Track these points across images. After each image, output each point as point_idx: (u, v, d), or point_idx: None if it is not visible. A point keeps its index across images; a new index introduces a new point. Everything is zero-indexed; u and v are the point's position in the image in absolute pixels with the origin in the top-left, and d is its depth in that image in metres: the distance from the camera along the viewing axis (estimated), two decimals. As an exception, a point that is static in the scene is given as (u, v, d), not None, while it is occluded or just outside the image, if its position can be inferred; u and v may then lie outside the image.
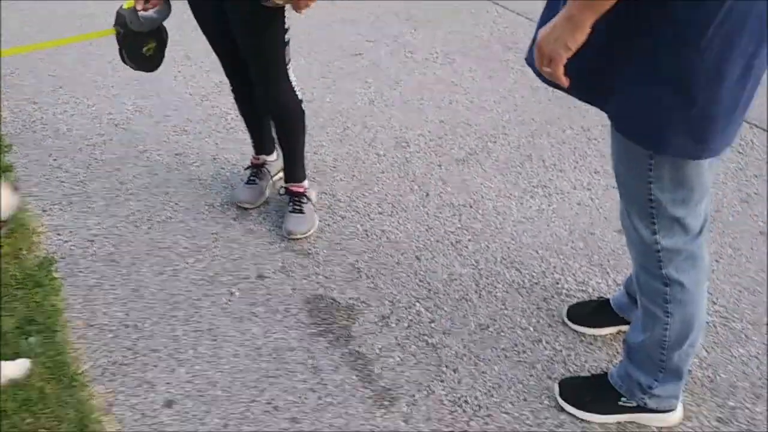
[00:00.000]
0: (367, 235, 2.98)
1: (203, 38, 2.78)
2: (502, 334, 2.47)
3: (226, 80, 2.97)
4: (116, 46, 2.57)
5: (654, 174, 1.67)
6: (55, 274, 2.74)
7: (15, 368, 2.25)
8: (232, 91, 3.02)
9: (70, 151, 3.56)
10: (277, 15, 2.51)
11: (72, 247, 2.91)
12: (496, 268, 2.78)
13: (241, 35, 2.58)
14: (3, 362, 2.25)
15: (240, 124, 3.72)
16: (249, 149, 3.33)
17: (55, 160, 3.50)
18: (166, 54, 2.70)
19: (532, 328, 2.50)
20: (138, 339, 2.46)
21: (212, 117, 3.88)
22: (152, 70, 2.70)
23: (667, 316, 1.86)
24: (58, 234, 3.00)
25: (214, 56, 2.87)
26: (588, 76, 1.59)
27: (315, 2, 2.40)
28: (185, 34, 3.46)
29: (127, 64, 2.62)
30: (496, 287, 2.68)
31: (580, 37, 1.43)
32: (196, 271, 2.78)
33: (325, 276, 2.76)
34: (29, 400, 2.17)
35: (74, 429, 2.11)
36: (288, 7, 2.49)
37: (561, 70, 1.50)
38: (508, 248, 2.89)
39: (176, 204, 3.17)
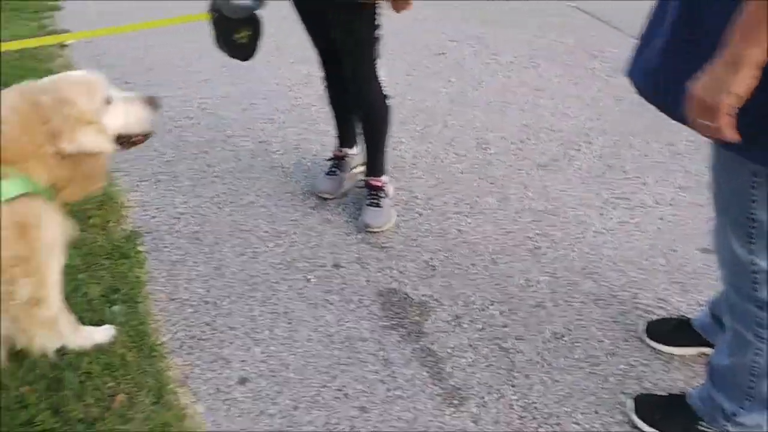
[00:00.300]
0: (443, 233, 2.99)
1: (295, 31, 2.84)
2: (577, 344, 2.43)
3: (312, 72, 3.04)
4: (209, 33, 2.65)
5: (757, 192, 1.61)
6: (141, 248, 2.84)
7: (100, 334, 2.35)
8: (325, 82, 3.06)
9: (160, 132, 3.68)
10: (371, 13, 2.54)
11: (158, 223, 3.02)
12: (574, 277, 2.74)
13: (337, 30, 2.63)
14: (89, 327, 2.35)
15: (322, 115, 3.79)
16: (330, 140, 3.38)
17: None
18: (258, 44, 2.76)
19: (607, 341, 2.45)
20: (216, 316, 2.52)
21: (297, 108, 3.96)
22: (245, 58, 2.76)
23: (760, 341, 1.79)
24: (145, 210, 3.11)
25: (302, 49, 2.93)
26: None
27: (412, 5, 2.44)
28: (278, 27, 3.53)
29: (220, 50, 2.69)
30: (573, 297, 2.64)
31: (746, 78, 1.26)
32: (275, 255, 2.84)
33: (399, 271, 2.77)
34: (111, 365, 2.25)
35: (152, 397, 2.18)
36: (382, 4, 2.52)
37: (726, 121, 1.34)
38: (588, 258, 2.84)
39: (259, 189, 3.24)
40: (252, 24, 2.63)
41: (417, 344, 2.43)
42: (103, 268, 2.67)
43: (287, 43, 4.19)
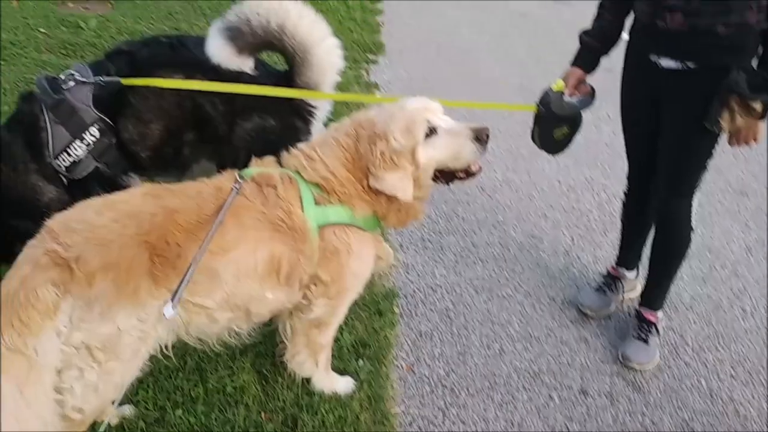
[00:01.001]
0: (711, 395, 2.64)
1: (592, 132, 2.74)
2: None
3: (594, 177, 2.91)
4: (530, 124, 2.64)
5: None
6: (396, 309, 2.88)
7: (342, 384, 2.39)
8: (628, 195, 2.90)
9: (438, 201, 3.78)
10: (712, 139, 2.36)
11: (415, 289, 3.05)
12: None
13: (670, 145, 2.48)
14: (334, 374, 2.40)
15: (600, 226, 3.62)
16: (604, 254, 3.20)
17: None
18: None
19: None
20: (451, 405, 2.45)
21: (574, 211, 3.83)
22: (555, 153, 2.73)
23: None
24: (407, 272, 3.17)
25: (590, 151, 2.81)
26: None
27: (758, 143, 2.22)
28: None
29: (534, 142, 2.67)
30: None
31: None
32: (521, 359, 2.71)
33: (652, 420, 2.49)
34: (344, 420, 2.27)
35: (374, 466, 2.16)
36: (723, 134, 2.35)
37: None
38: None
39: (519, 285, 3.15)
40: (574, 122, 2.59)
41: None
42: (359, 319, 2.73)
43: (580, 140, 4.09)
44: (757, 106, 2.19)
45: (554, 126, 2.59)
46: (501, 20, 7.66)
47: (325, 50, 2.42)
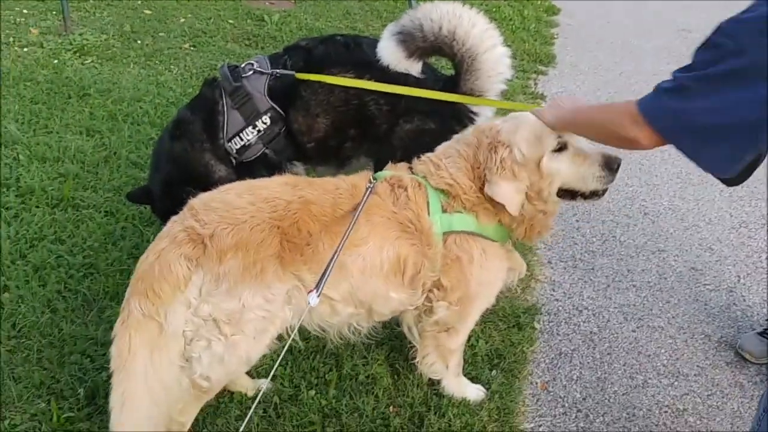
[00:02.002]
0: None
1: None
2: None
3: None
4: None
5: None
6: (536, 325, 2.82)
7: (473, 391, 2.38)
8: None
9: (594, 220, 3.65)
10: None
11: (560, 308, 2.97)
12: None
13: None
14: (465, 380, 2.40)
15: (773, 267, 3.34)
16: (775, 299, 2.94)
17: (577, 221, 3.62)
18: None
19: None
20: (584, 430, 2.36)
21: (744, 247, 3.54)
22: (735, 184, 2.53)
23: None
24: (553, 290, 3.09)
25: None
26: None
27: None
28: None
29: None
30: None
31: None
32: (665, 395, 2.56)
33: (810, 485, 2.25)
34: (470, 427, 2.26)
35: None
36: None
37: None
38: None
39: (673, 318, 2.97)
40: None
41: None
42: (497, 330, 2.71)
43: (760, 174, 3.78)
44: None
45: None
46: (684, 43, 7.23)
47: (493, 58, 2.42)
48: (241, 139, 2.55)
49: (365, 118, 2.54)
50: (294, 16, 6.54)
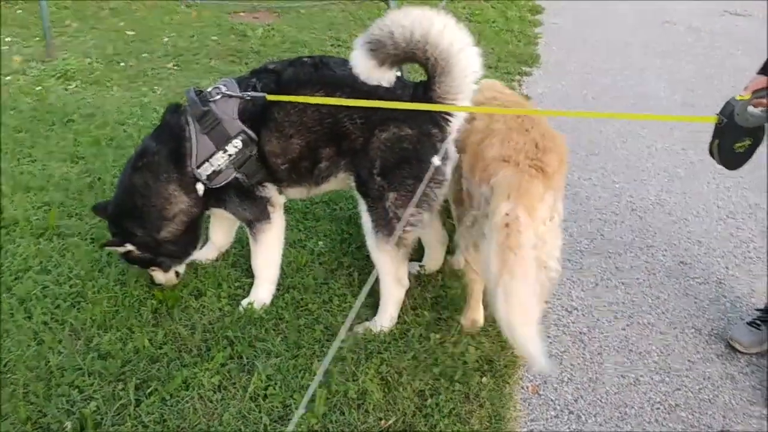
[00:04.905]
0: None
1: (760, 154, 2.49)
2: None
3: (760, 204, 2.62)
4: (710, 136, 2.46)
5: None
6: (526, 328, 2.81)
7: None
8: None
9: (581, 219, 3.65)
10: None
11: (549, 309, 2.96)
12: None
13: None
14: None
15: (762, 256, 3.34)
16: (762, 287, 2.94)
17: (564, 221, 3.60)
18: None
19: None
20: (576, 434, 2.36)
21: (732, 238, 3.54)
22: (734, 168, 2.53)
23: None
24: (542, 292, 3.08)
25: (757, 173, 2.55)
26: None
27: None
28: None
29: (712, 156, 2.49)
30: None
31: None
32: (657, 391, 2.55)
33: (804, 475, 2.26)
34: (461, 434, 2.26)
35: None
36: None
37: None
38: None
39: (663, 313, 2.97)
40: (756, 135, 2.40)
41: None
42: (487, 336, 2.71)
43: (756, 159, 3.77)
44: None
45: (736, 139, 2.41)
46: (670, 36, 7.24)
47: (466, 58, 2.43)
48: (212, 165, 2.55)
49: (340, 134, 2.55)
50: (278, 29, 6.55)
